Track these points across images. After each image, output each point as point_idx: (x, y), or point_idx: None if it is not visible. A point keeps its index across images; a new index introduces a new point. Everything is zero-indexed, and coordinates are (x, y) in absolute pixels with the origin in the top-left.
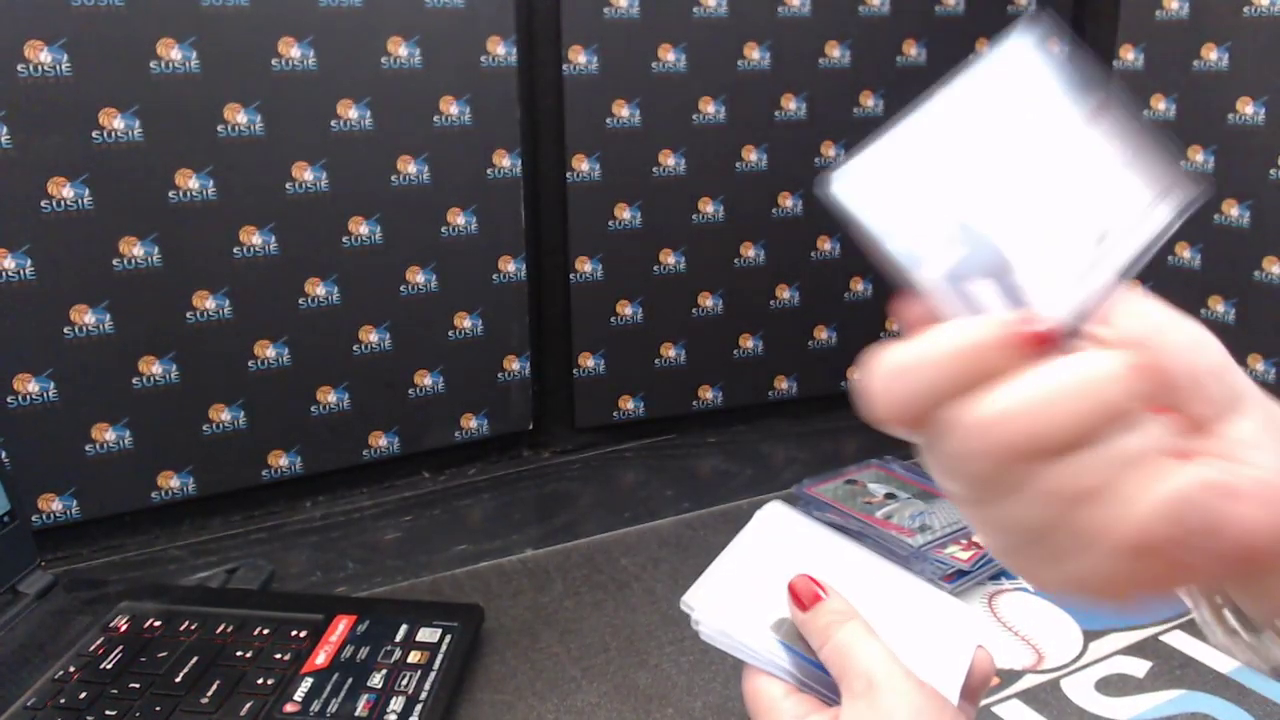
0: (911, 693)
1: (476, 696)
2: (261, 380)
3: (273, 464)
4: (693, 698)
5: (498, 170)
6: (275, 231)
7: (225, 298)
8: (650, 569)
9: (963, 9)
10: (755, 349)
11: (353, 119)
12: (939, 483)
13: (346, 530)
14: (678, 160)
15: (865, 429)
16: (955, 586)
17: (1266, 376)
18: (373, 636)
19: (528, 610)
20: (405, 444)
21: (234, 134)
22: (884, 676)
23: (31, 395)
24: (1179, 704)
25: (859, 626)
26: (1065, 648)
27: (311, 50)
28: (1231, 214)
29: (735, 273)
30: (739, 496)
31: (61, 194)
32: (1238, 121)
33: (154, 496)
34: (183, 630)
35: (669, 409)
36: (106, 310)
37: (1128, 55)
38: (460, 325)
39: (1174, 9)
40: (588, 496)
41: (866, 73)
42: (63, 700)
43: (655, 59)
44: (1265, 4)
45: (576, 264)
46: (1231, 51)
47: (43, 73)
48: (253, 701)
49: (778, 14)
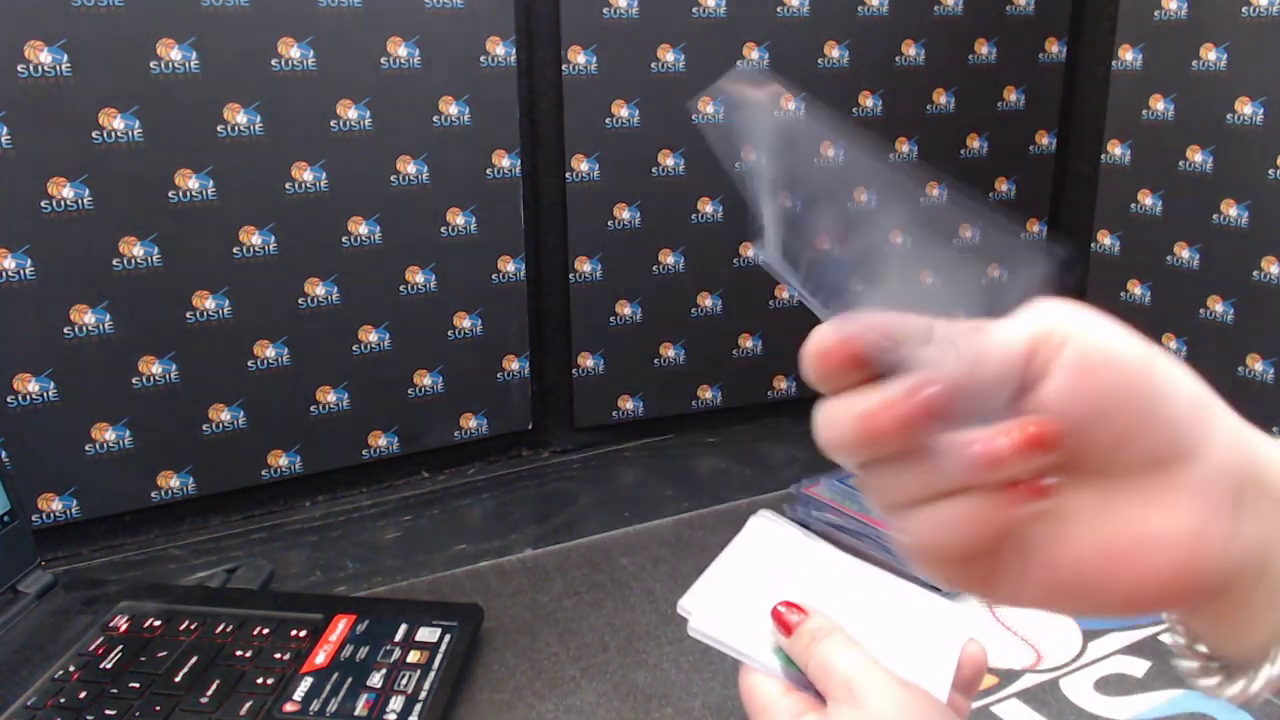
0: (894, 692)
1: (476, 696)
2: (261, 380)
3: (272, 464)
4: (691, 697)
5: (497, 170)
6: (275, 231)
7: (225, 298)
8: (649, 569)
9: (961, 9)
10: (754, 349)
11: (352, 119)
12: None
13: (346, 530)
14: (677, 160)
15: None
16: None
17: (1266, 376)
18: (372, 636)
19: (527, 610)
20: (405, 444)
21: (234, 134)
22: (864, 681)
23: (31, 395)
24: (1178, 704)
25: (838, 639)
26: (1064, 647)
27: (311, 50)
28: (1230, 214)
29: (734, 273)
30: (738, 496)
31: (61, 194)
32: (1236, 122)
33: (154, 496)
34: (182, 630)
35: (668, 409)
36: (106, 310)
37: (1126, 56)
38: (460, 325)
39: (1172, 9)
40: (587, 496)
41: (865, 73)
42: (63, 700)
43: (654, 59)
44: (1264, 4)
45: (576, 264)
46: (1230, 52)
47: (43, 73)
48: (252, 701)
49: (776, 14)
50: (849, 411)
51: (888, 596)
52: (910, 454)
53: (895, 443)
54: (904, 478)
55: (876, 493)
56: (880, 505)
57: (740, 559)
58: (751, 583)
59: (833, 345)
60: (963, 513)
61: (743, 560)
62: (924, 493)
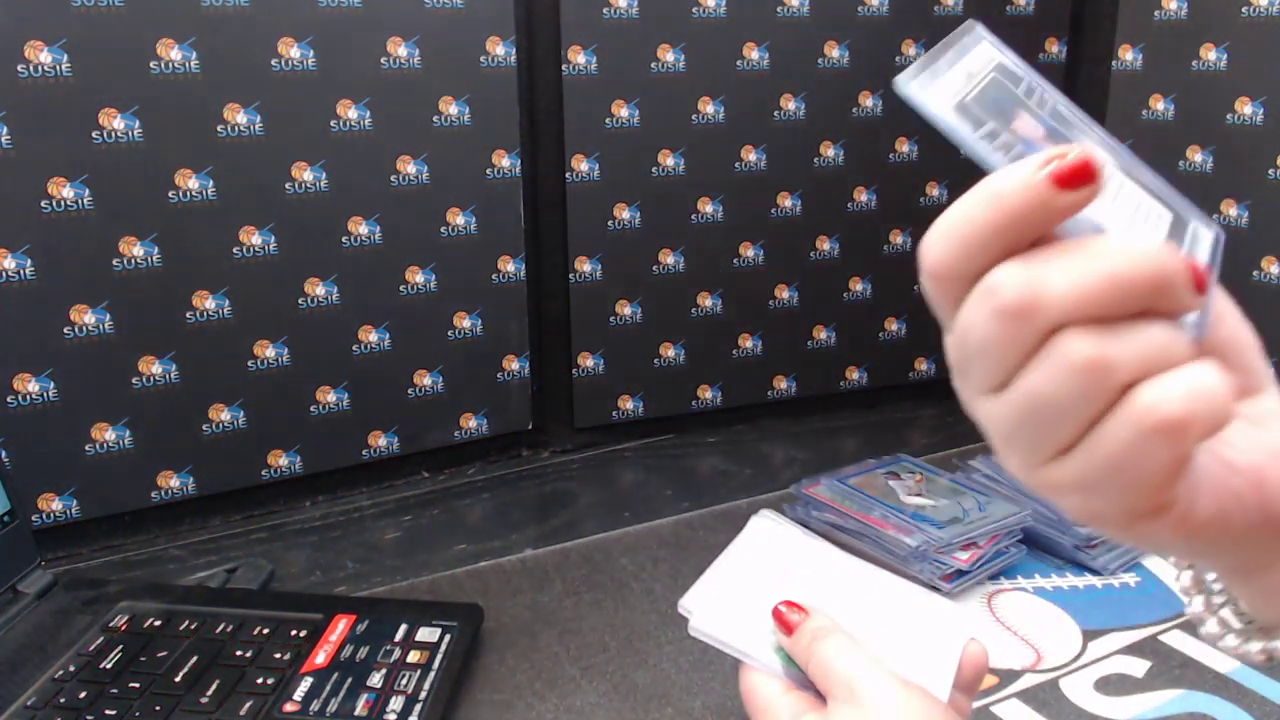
0: (895, 692)
1: (476, 696)
2: (261, 380)
3: (272, 464)
4: (691, 697)
5: (497, 170)
6: (275, 231)
7: (225, 298)
8: (649, 568)
9: (961, 9)
10: (754, 349)
11: (352, 119)
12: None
13: (346, 530)
14: (677, 160)
15: (863, 428)
16: (954, 586)
17: None
18: (372, 636)
19: (527, 610)
20: (405, 444)
21: (234, 134)
22: (865, 681)
23: (31, 395)
24: (1178, 704)
25: (839, 639)
26: (1064, 647)
27: (311, 50)
28: (1230, 214)
29: (734, 273)
30: (738, 496)
31: (61, 194)
32: (1236, 122)
33: (154, 496)
34: (182, 630)
35: (668, 409)
36: (106, 310)
37: (1126, 56)
38: (460, 325)
39: (1172, 9)
40: (587, 496)
41: (865, 73)
42: (63, 700)
43: (654, 59)
44: (1264, 4)
45: (576, 264)
46: (1230, 52)
47: (43, 73)
48: (252, 701)
49: (776, 14)
50: (983, 190)
51: (889, 596)
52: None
53: (1034, 220)
54: (1064, 398)
55: (1033, 435)
56: (1034, 457)
57: (741, 559)
58: (752, 582)
59: (1078, 155)
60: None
61: (743, 560)
62: (1097, 405)
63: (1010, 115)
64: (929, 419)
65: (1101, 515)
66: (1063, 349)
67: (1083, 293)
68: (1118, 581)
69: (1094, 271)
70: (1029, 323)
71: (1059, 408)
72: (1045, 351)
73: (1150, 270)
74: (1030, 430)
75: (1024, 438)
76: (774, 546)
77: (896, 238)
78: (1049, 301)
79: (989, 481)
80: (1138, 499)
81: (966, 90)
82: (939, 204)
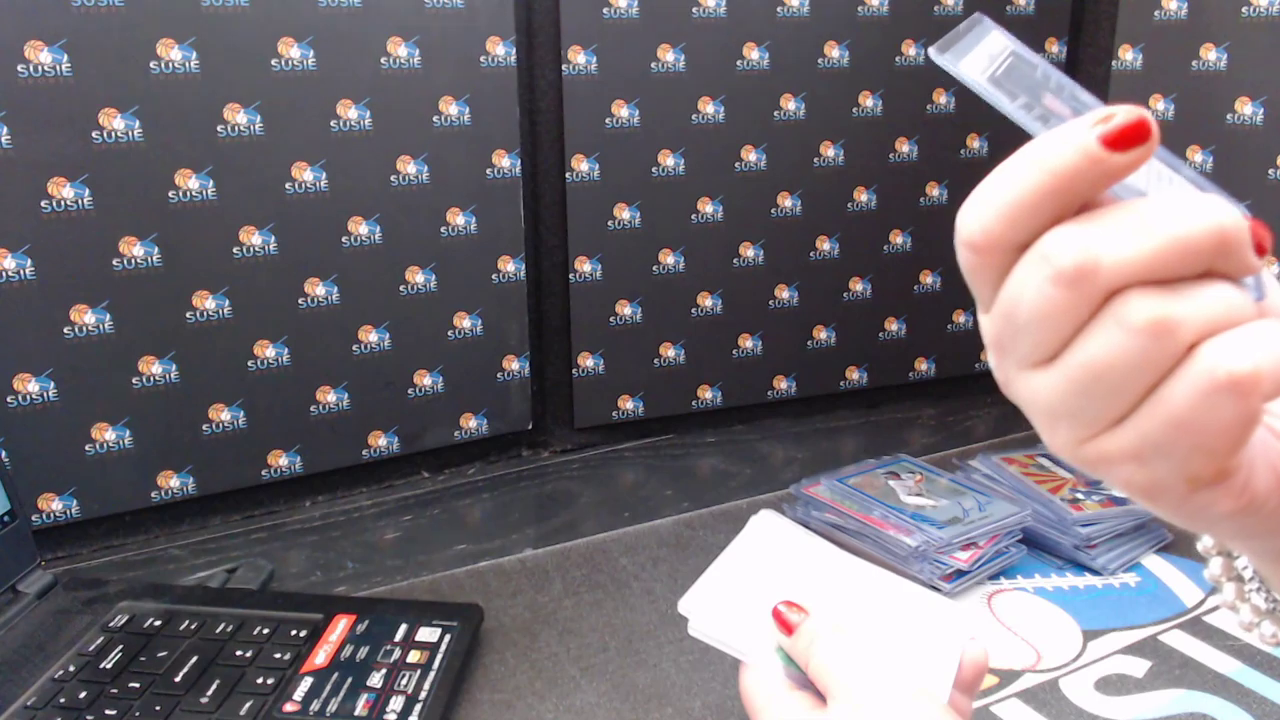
0: (895, 692)
1: (476, 696)
2: (261, 380)
3: (272, 464)
4: (691, 697)
5: (497, 170)
6: (275, 231)
7: (225, 298)
8: (649, 568)
9: (961, 9)
10: (754, 349)
11: (352, 119)
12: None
13: (346, 530)
14: (677, 160)
15: (864, 428)
16: (954, 586)
17: None
18: (372, 636)
19: (527, 610)
20: (405, 444)
21: (234, 134)
22: (865, 681)
23: (31, 395)
24: (1178, 704)
25: (839, 639)
26: (1064, 647)
27: (311, 50)
28: None
29: (734, 273)
30: (738, 496)
31: (61, 194)
32: (1236, 122)
33: (154, 496)
34: (182, 630)
35: (668, 409)
36: (106, 310)
37: (1126, 55)
38: (460, 325)
39: (1172, 9)
40: (587, 496)
41: (865, 73)
42: (63, 700)
43: (654, 59)
44: (1264, 4)
45: (576, 264)
46: (1230, 52)
47: (43, 73)
48: (252, 701)
49: (776, 14)
50: (1029, 155)
51: (889, 596)
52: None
53: (1086, 183)
54: (1126, 363)
55: (1088, 405)
56: (1087, 429)
57: (741, 558)
58: (752, 582)
59: (1129, 113)
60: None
61: (744, 560)
62: (1161, 368)
63: (1038, 93)
64: (929, 419)
65: (1160, 485)
66: (1124, 311)
67: (1144, 254)
68: (1118, 581)
69: (1155, 233)
70: (1088, 287)
71: (1120, 373)
72: (1104, 315)
73: (1214, 230)
74: (1085, 400)
75: (1077, 409)
76: (774, 546)
77: (896, 238)
78: (1109, 264)
79: (989, 481)
80: (1202, 464)
81: (992, 68)
82: (939, 204)
